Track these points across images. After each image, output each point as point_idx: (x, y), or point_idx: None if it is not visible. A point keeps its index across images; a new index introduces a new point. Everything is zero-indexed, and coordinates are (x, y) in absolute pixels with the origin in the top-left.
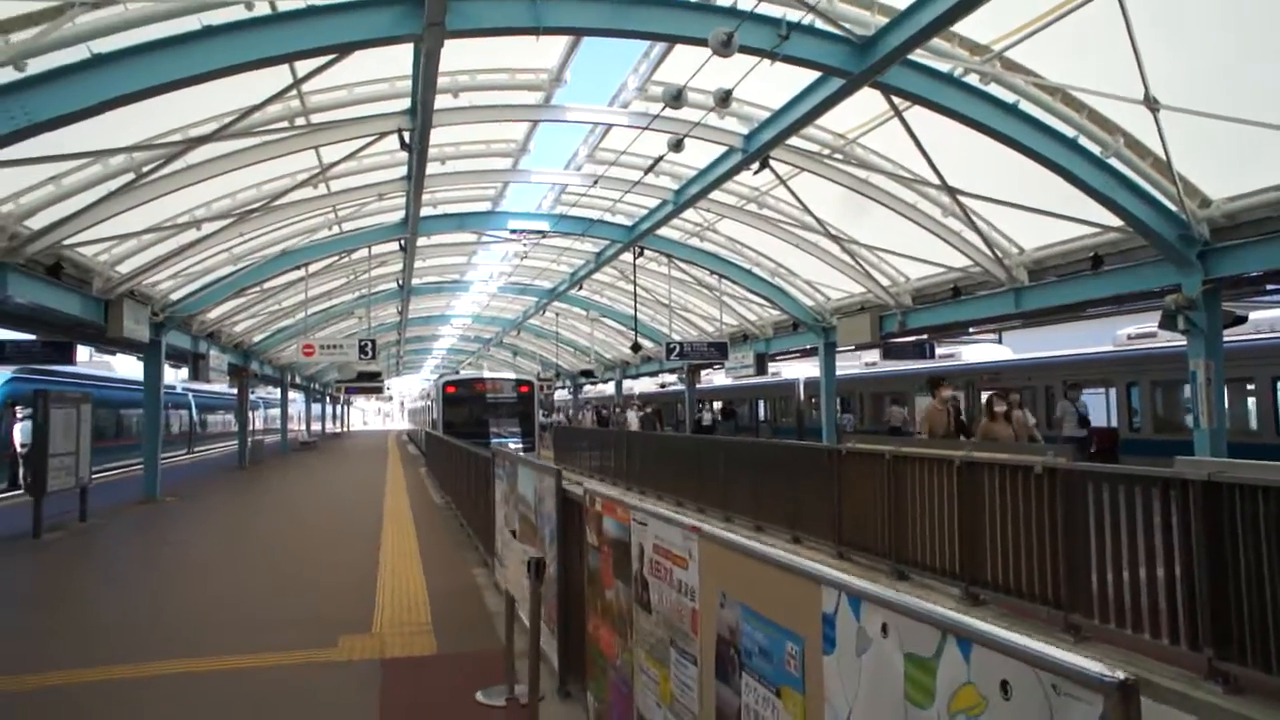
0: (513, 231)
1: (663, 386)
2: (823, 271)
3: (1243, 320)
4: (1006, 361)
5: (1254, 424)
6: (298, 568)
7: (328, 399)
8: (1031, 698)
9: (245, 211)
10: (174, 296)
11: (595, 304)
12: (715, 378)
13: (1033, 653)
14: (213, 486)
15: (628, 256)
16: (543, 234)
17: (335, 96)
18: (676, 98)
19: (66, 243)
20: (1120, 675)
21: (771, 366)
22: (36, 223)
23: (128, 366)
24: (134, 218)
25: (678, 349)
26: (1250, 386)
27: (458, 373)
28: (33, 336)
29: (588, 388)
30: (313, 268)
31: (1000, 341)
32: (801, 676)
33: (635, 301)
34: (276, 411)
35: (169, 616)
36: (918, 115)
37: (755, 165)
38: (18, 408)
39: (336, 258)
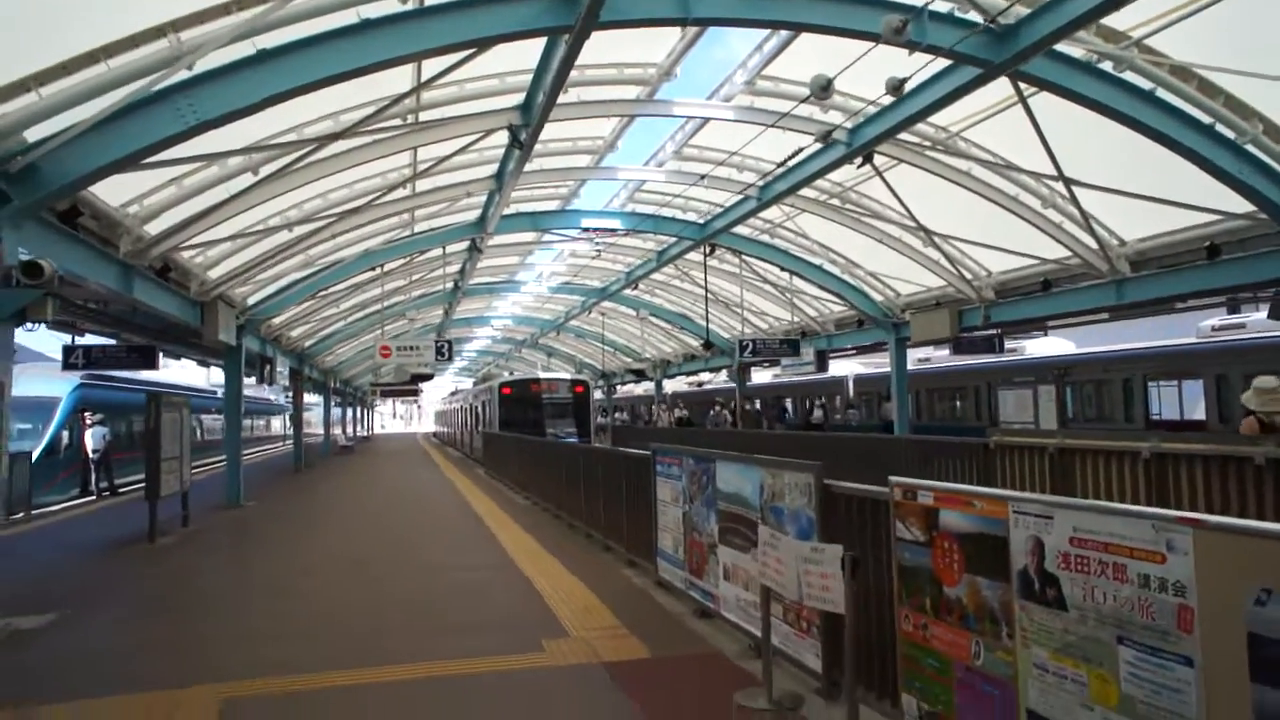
0: (584, 230)
1: (700, 386)
2: (894, 265)
3: None
4: (1079, 355)
5: None
6: (440, 569)
7: (357, 403)
8: None
9: (343, 213)
10: (250, 300)
11: (645, 303)
12: (756, 375)
13: None
14: (282, 491)
15: (687, 253)
16: (614, 232)
17: (447, 93)
18: (825, 89)
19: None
20: None
21: None
22: (156, 225)
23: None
24: (230, 221)
25: (750, 346)
26: None
27: (511, 373)
28: (113, 341)
29: (619, 388)
30: (386, 268)
31: (1046, 335)
32: None
33: (706, 300)
34: (310, 415)
35: (347, 621)
36: (1021, 106)
37: (859, 159)
38: (86, 414)
39: (408, 259)
